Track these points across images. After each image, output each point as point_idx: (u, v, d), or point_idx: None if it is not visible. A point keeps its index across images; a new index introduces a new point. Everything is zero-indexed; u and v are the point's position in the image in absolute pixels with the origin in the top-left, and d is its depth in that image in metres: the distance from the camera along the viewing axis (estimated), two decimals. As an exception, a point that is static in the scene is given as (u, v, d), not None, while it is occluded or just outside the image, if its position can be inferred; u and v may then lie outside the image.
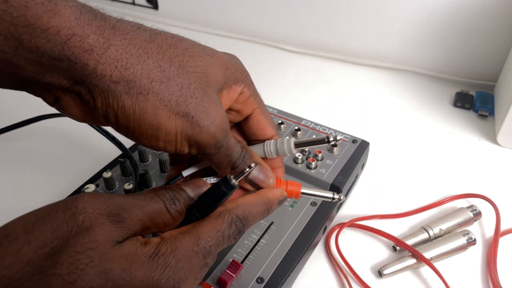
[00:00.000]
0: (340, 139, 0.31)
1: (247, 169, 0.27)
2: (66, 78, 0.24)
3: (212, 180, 0.30)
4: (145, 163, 0.48)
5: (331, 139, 0.30)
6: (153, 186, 0.45)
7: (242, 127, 0.33)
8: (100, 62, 0.24)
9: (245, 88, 0.30)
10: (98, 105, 0.25)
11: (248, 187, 0.30)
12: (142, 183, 0.45)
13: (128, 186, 0.43)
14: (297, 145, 0.31)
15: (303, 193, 0.31)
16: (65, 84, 0.24)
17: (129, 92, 0.24)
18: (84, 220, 0.22)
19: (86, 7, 0.24)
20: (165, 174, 0.47)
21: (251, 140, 0.33)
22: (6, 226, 0.23)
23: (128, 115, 0.24)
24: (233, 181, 0.26)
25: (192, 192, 0.27)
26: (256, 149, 0.32)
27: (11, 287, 0.21)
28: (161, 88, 0.24)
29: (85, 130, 0.56)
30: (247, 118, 0.32)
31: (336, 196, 0.31)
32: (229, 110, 0.31)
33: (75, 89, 0.25)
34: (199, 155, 0.28)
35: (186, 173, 0.31)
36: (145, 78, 0.24)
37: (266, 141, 0.32)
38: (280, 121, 0.53)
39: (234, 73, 0.29)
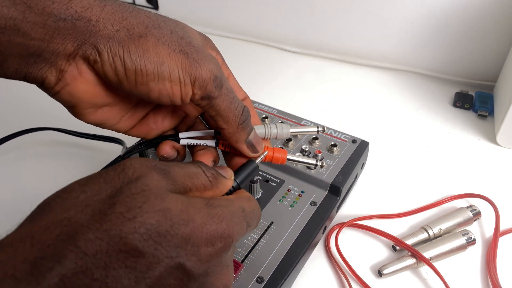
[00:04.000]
0: (324, 130, 0.37)
1: (263, 155, 0.33)
2: (71, 41, 0.26)
3: (209, 143, 0.33)
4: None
5: (320, 129, 0.36)
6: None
7: None
8: (101, 17, 0.26)
9: (218, 56, 0.33)
10: (105, 58, 0.26)
11: (246, 150, 0.32)
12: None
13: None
14: (292, 132, 0.36)
15: (288, 159, 0.35)
16: (70, 48, 0.26)
17: (131, 36, 0.26)
18: (134, 172, 0.24)
19: None
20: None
21: None
22: (63, 187, 0.24)
23: (134, 59, 0.26)
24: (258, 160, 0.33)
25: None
26: (257, 129, 0.34)
27: (72, 227, 0.21)
28: (156, 31, 0.27)
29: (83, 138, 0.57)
30: None
31: (318, 163, 0.36)
32: None
33: (80, 52, 0.26)
34: (204, 103, 0.29)
35: (183, 135, 0.33)
36: (141, 25, 0.27)
37: (266, 124, 0.35)
38: (280, 121, 0.53)
39: (207, 40, 0.33)
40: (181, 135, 0.33)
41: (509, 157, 0.57)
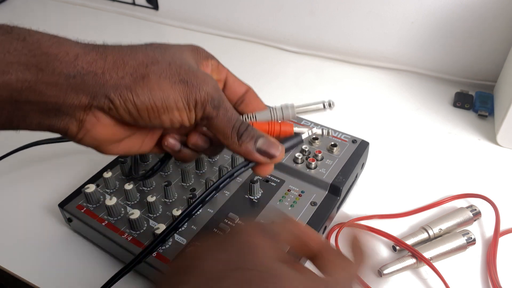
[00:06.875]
0: (331, 106, 0.38)
1: (309, 131, 0.35)
2: (84, 94, 0.28)
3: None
4: (145, 163, 0.49)
5: (326, 104, 0.37)
6: (153, 186, 0.46)
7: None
8: (106, 68, 0.29)
9: (213, 61, 0.36)
10: (117, 104, 0.29)
11: (261, 158, 0.33)
12: (142, 183, 0.45)
13: (129, 186, 0.43)
14: (298, 112, 0.37)
15: (295, 133, 0.36)
16: (84, 101, 0.29)
17: (135, 80, 0.29)
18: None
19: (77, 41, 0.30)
20: (166, 173, 0.47)
21: (235, 103, 0.38)
22: (193, 254, 0.25)
23: (143, 100, 0.29)
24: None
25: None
26: (262, 115, 0.36)
27: None
28: (155, 68, 0.30)
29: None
30: (225, 85, 0.37)
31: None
32: None
33: (94, 103, 0.29)
34: (204, 123, 0.32)
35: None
36: (141, 66, 0.30)
37: (271, 107, 0.37)
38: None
39: (201, 52, 0.35)
40: None
41: (509, 157, 0.57)
